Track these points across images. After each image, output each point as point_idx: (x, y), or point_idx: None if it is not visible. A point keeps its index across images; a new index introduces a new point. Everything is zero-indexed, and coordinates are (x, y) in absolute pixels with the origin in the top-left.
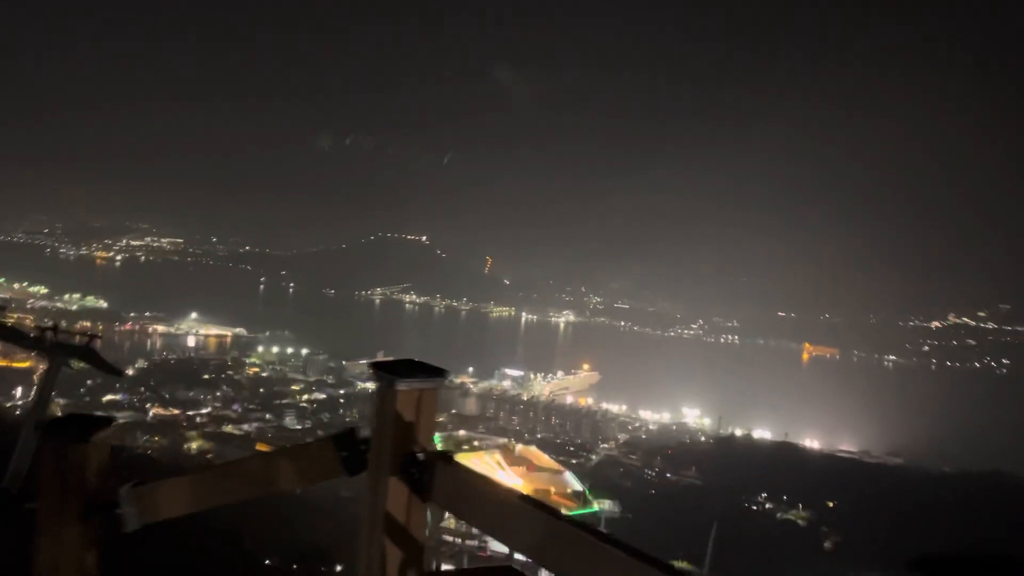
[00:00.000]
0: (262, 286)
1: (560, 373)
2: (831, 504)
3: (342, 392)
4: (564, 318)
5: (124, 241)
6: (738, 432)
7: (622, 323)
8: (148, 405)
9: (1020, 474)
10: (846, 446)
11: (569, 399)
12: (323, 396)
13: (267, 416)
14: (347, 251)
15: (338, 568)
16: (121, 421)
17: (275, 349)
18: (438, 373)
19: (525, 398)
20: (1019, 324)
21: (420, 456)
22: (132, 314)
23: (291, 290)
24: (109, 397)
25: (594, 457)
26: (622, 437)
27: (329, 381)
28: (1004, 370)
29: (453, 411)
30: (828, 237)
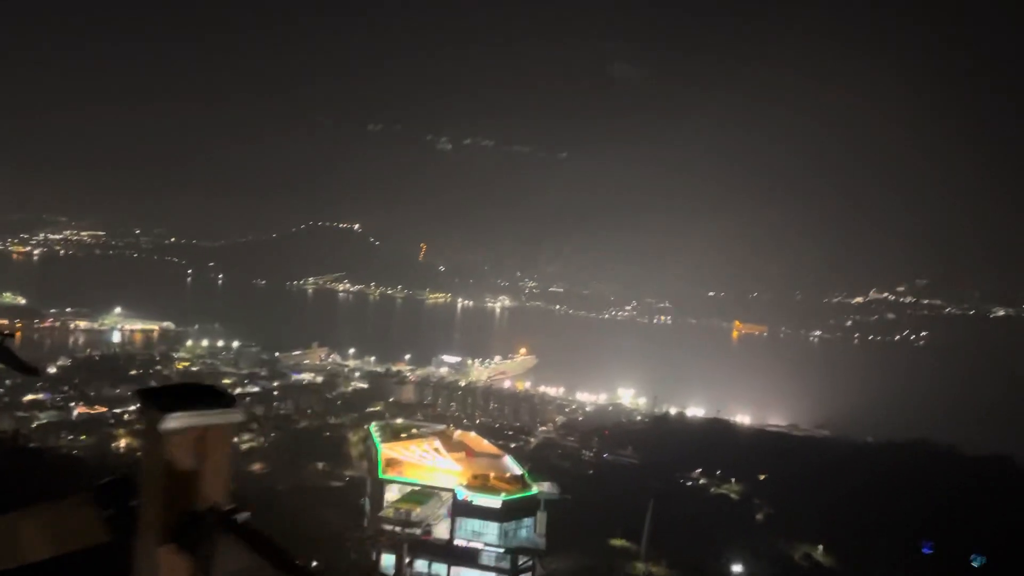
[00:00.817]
0: (189, 278)
1: (497, 358)
2: (762, 477)
3: (276, 384)
4: (500, 303)
5: (41, 235)
6: (672, 410)
7: (557, 307)
8: (72, 404)
9: (943, 441)
10: (775, 421)
11: (507, 384)
12: (256, 389)
13: None
14: (277, 240)
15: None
16: (44, 421)
17: (205, 342)
18: (226, 402)
19: (463, 384)
20: (936, 298)
21: (202, 518)
22: (52, 310)
23: (220, 281)
24: (30, 397)
25: (533, 440)
26: (560, 420)
27: (262, 374)
28: (922, 342)
29: (391, 399)
30: (755, 217)
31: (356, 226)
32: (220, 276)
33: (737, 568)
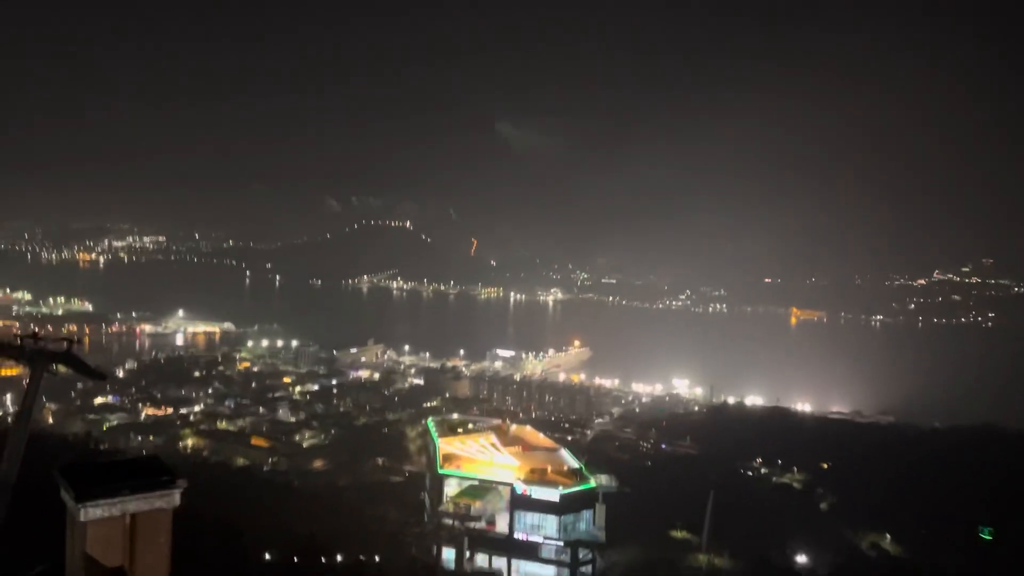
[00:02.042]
0: (247, 280)
1: (551, 351)
2: (825, 466)
3: (335, 382)
4: (552, 296)
5: (106, 242)
6: (730, 400)
7: (610, 298)
8: (140, 405)
9: (1010, 425)
10: (837, 408)
11: (562, 376)
12: (316, 387)
13: (260, 410)
14: (332, 241)
15: (338, 558)
16: (114, 423)
17: (264, 342)
18: (163, 481)
19: (517, 378)
20: (1003, 277)
21: None
22: (119, 315)
23: (277, 282)
24: (100, 400)
25: (589, 432)
26: (616, 411)
27: (321, 372)
28: (989, 323)
29: (447, 394)
30: (813, 201)
31: (407, 224)
32: (277, 277)
33: (802, 559)
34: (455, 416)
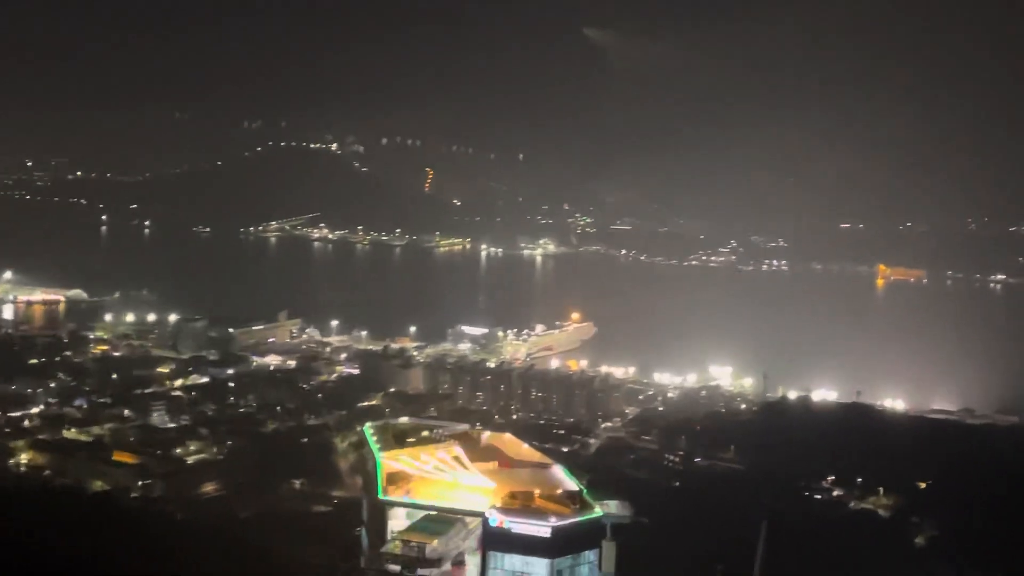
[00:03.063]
0: (104, 227)
1: (540, 328)
2: (923, 485)
3: (231, 373)
4: (541, 249)
5: None
6: (791, 394)
7: (623, 252)
8: None
9: None
10: (941, 404)
11: (555, 363)
12: (205, 380)
13: (125, 412)
14: (225, 170)
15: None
16: None
17: (130, 317)
18: None
19: (493, 365)
20: None
21: None
22: None
23: (147, 231)
24: None
25: (593, 441)
26: (631, 411)
27: (212, 358)
28: None
29: (392, 389)
30: (909, 119)
31: (334, 146)
32: (147, 223)
33: None
34: (404, 420)
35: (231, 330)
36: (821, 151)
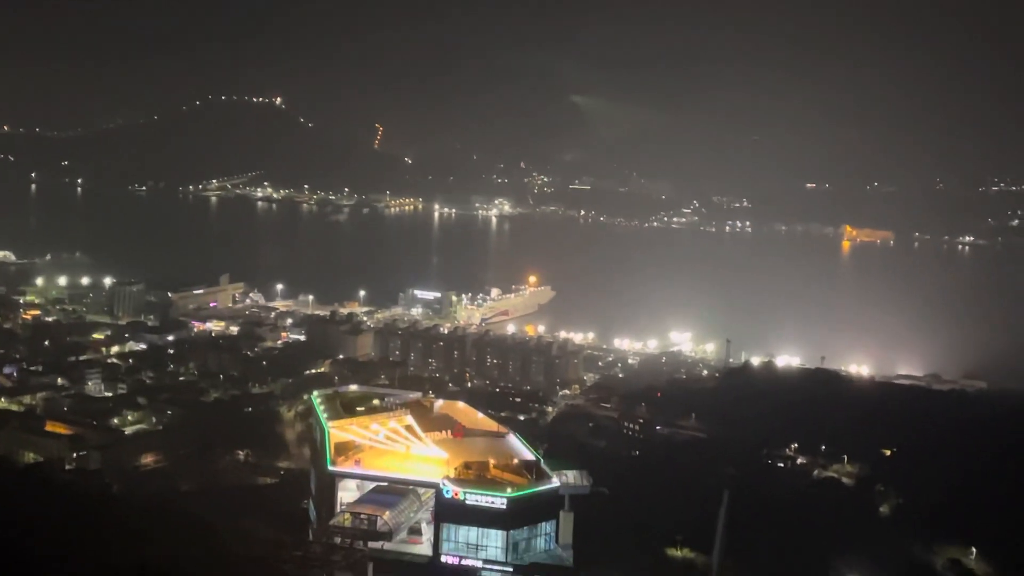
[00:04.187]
0: (34, 185)
1: (496, 292)
2: (888, 453)
3: (171, 339)
4: (497, 210)
5: None
6: (754, 360)
7: (582, 212)
8: None
9: None
10: (907, 370)
11: (511, 329)
12: (143, 347)
13: (59, 381)
14: (162, 125)
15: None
16: None
17: (62, 280)
18: None
19: (446, 331)
20: None
21: None
22: None
23: (79, 189)
24: None
25: (551, 409)
26: (590, 378)
27: (150, 324)
28: None
29: (340, 356)
30: (877, 79)
31: (278, 100)
32: (79, 181)
33: None
34: (353, 388)
35: (170, 294)
36: (786, 110)
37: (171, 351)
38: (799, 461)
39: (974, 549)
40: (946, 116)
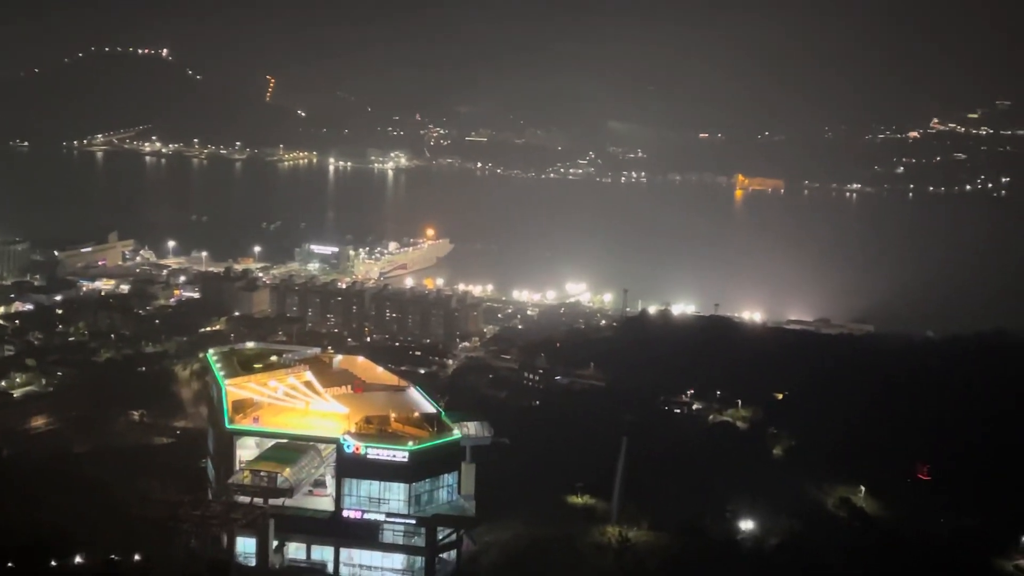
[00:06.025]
0: None
1: (393, 246)
2: (780, 396)
3: (59, 299)
4: (393, 163)
5: None
6: (650, 309)
7: (478, 164)
8: None
9: None
10: (797, 315)
11: (409, 282)
12: (29, 307)
13: None
14: (43, 78)
15: (77, 559)
16: None
17: None
18: None
19: (344, 285)
20: (1021, 127)
21: None
22: None
23: None
24: None
25: (451, 362)
26: (489, 330)
27: (36, 283)
28: (1003, 191)
29: (236, 313)
30: (767, 26)
31: (164, 51)
32: None
33: (747, 525)
34: (250, 345)
35: (56, 253)
36: (680, 61)
37: (59, 311)
38: (695, 407)
39: (863, 487)
40: (833, 66)
